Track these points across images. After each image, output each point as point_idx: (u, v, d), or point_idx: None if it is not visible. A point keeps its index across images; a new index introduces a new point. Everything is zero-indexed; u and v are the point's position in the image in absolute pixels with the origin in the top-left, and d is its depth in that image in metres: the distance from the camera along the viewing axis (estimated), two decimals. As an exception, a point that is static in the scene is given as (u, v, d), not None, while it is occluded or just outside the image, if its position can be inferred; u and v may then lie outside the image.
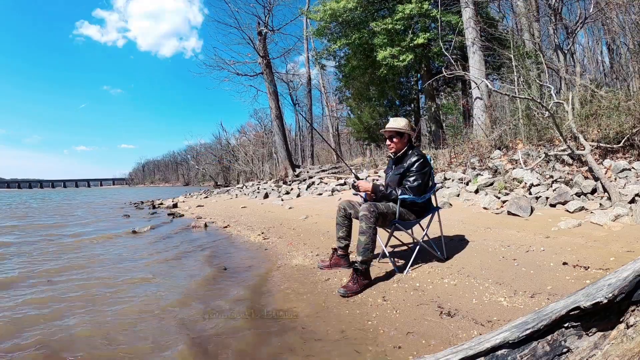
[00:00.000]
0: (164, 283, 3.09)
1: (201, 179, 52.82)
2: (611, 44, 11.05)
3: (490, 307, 2.11)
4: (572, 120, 5.52)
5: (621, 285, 0.94)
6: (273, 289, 2.83)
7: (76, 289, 2.92)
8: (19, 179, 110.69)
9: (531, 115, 6.86)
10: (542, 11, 9.45)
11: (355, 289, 2.52)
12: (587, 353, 0.94)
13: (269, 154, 29.52)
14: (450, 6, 10.29)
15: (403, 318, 2.11)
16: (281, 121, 16.31)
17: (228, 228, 6.07)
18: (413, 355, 1.72)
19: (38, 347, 1.89)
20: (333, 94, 23.86)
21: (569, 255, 2.69)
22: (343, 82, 15.55)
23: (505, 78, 8.49)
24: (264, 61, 15.43)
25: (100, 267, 3.70)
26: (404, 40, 11.19)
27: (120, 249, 4.71)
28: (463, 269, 2.73)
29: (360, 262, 2.57)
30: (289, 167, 15.33)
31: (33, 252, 4.44)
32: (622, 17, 8.25)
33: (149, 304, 2.56)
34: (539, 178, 5.01)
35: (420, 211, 2.90)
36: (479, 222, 4.06)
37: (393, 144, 2.93)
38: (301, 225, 5.38)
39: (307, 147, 25.79)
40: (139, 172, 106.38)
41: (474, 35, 8.88)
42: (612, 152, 5.20)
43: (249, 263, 3.70)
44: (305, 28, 18.48)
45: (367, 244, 2.57)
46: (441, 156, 8.17)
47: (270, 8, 15.36)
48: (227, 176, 34.46)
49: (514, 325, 1.05)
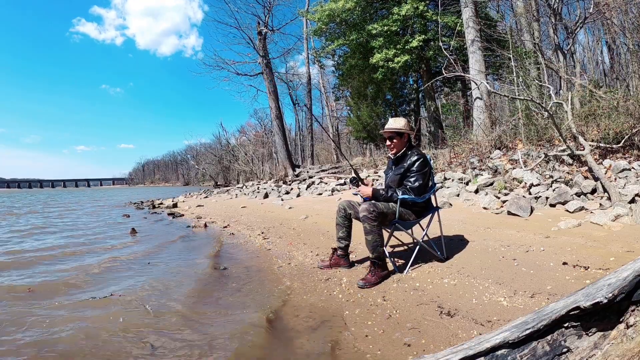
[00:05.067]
0: (161, 284, 3.09)
1: (201, 179, 52.80)
2: (611, 44, 11.06)
3: (490, 307, 2.11)
4: (571, 120, 5.52)
5: (621, 285, 0.94)
6: (273, 288, 2.83)
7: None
8: (19, 179, 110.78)
9: (531, 115, 6.86)
10: (542, 11, 9.46)
11: (374, 281, 2.64)
12: (587, 353, 0.94)
13: (269, 153, 29.53)
14: (449, 7, 10.30)
15: (403, 318, 2.11)
16: (281, 121, 16.31)
17: (228, 228, 6.07)
18: (413, 355, 1.72)
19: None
20: (332, 93, 23.87)
21: (569, 255, 2.69)
22: (340, 81, 15.57)
23: (505, 78, 8.49)
24: (263, 61, 15.43)
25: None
26: (399, 42, 11.21)
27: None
28: (463, 268, 2.73)
29: (374, 257, 2.69)
30: (289, 167, 15.32)
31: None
32: (622, 17, 8.25)
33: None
34: (538, 178, 5.01)
35: (420, 211, 2.90)
36: (479, 222, 4.06)
37: (393, 144, 2.93)
38: (301, 225, 5.38)
39: (307, 147, 25.79)
40: (139, 172, 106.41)
41: (474, 35, 8.87)
42: (611, 152, 5.20)
43: (248, 263, 3.69)
44: (305, 28, 18.48)
45: (375, 241, 2.66)
46: (441, 156, 8.16)
47: (270, 8, 15.38)
48: (227, 176, 34.44)
49: (514, 325, 1.05)
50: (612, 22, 8.99)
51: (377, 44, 11.40)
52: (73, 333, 2.04)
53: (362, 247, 3.17)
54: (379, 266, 2.70)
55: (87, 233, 6.30)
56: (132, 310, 2.40)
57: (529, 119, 6.90)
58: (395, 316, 2.15)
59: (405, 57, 11.05)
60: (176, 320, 2.25)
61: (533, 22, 8.98)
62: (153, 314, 2.34)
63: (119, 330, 2.08)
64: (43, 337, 2.00)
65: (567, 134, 5.64)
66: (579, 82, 7.71)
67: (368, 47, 12.15)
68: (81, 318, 2.28)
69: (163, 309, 2.45)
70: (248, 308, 2.44)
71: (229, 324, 2.19)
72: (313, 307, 2.42)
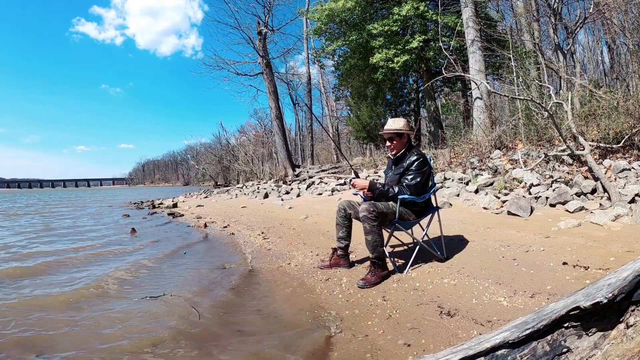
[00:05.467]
0: (160, 284, 3.09)
1: (201, 179, 52.78)
2: (611, 44, 11.06)
3: (490, 307, 2.11)
4: (571, 120, 5.52)
5: (621, 285, 0.94)
6: (273, 288, 2.83)
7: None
8: (19, 179, 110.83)
9: (531, 115, 6.86)
10: (542, 11, 9.46)
11: (374, 281, 2.65)
12: (587, 353, 0.94)
13: (269, 153, 29.52)
14: (449, 6, 10.30)
15: (403, 318, 2.11)
16: (281, 121, 16.31)
17: (228, 228, 6.07)
18: (413, 355, 1.72)
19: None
20: (332, 93, 23.88)
21: (569, 255, 2.69)
22: (340, 81, 15.57)
23: (505, 78, 8.49)
24: (263, 61, 15.42)
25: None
26: (399, 43, 11.22)
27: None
28: (463, 268, 2.73)
29: (374, 257, 2.69)
30: (289, 166, 15.32)
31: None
32: (622, 17, 8.25)
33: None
34: (538, 178, 5.01)
35: (420, 211, 2.90)
36: (479, 222, 4.06)
37: (393, 145, 2.93)
38: (301, 225, 5.38)
39: (307, 147, 25.78)
40: (139, 171, 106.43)
41: (474, 35, 8.87)
42: (611, 152, 5.19)
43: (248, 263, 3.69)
44: (305, 27, 18.48)
45: (375, 241, 2.66)
46: (441, 156, 8.16)
47: (270, 8, 15.36)
48: (227, 176, 34.44)
49: (514, 325, 1.05)
50: (612, 22, 8.98)
51: (377, 44, 11.41)
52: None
53: (362, 247, 3.17)
54: (379, 266, 2.70)
55: (97, 235, 6.10)
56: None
57: (529, 119, 6.90)
58: (395, 316, 2.15)
59: (405, 57, 11.05)
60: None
61: (533, 22, 8.99)
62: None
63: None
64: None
65: (567, 134, 5.64)
66: (579, 82, 7.71)
67: (368, 47, 12.16)
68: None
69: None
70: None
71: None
72: (313, 307, 2.41)
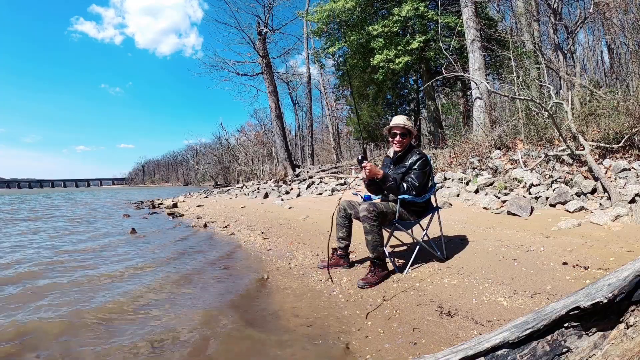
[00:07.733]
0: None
1: (201, 179, 52.79)
2: (611, 44, 11.05)
3: (490, 307, 2.11)
4: (571, 120, 5.51)
5: (621, 285, 0.94)
6: (273, 288, 2.83)
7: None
8: (19, 179, 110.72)
9: (531, 115, 6.86)
10: (542, 11, 9.45)
11: (374, 281, 2.64)
12: (587, 353, 0.94)
13: (269, 153, 29.50)
14: (449, 7, 10.29)
15: (403, 318, 2.11)
16: (281, 121, 16.31)
17: (228, 228, 6.07)
18: (413, 355, 1.72)
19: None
20: (332, 93, 23.88)
21: (569, 255, 2.69)
22: (340, 81, 15.57)
23: (505, 78, 8.49)
24: (263, 61, 15.43)
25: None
26: (400, 43, 11.21)
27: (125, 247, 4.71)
28: (463, 268, 2.73)
29: (374, 257, 2.68)
30: (288, 166, 15.32)
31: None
32: (622, 17, 8.24)
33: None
34: (538, 178, 5.01)
35: (420, 211, 2.90)
36: (479, 222, 4.06)
37: (404, 141, 2.88)
38: (301, 225, 5.37)
39: (307, 146, 25.78)
40: (139, 171, 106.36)
41: (474, 35, 8.87)
42: (611, 152, 5.19)
43: (248, 263, 3.70)
44: (305, 28, 18.48)
45: (375, 241, 2.65)
46: (441, 156, 8.17)
47: (270, 8, 15.39)
48: (227, 176, 34.45)
49: (514, 325, 1.05)
50: (612, 22, 8.98)
51: (377, 44, 11.40)
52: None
53: (362, 247, 3.17)
54: (379, 266, 2.70)
55: (102, 233, 6.09)
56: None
57: (529, 118, 6.90)
58: (395, 316, 2.15)
59: (406, 58, 11.05)
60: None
61: (533, 22, 8.98)
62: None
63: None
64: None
65: (567, 134, 5.64)
66: (579, 82, 7.70)
67: (368, 48, 12.15)
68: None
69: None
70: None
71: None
72: (313, 307, 2.41)
